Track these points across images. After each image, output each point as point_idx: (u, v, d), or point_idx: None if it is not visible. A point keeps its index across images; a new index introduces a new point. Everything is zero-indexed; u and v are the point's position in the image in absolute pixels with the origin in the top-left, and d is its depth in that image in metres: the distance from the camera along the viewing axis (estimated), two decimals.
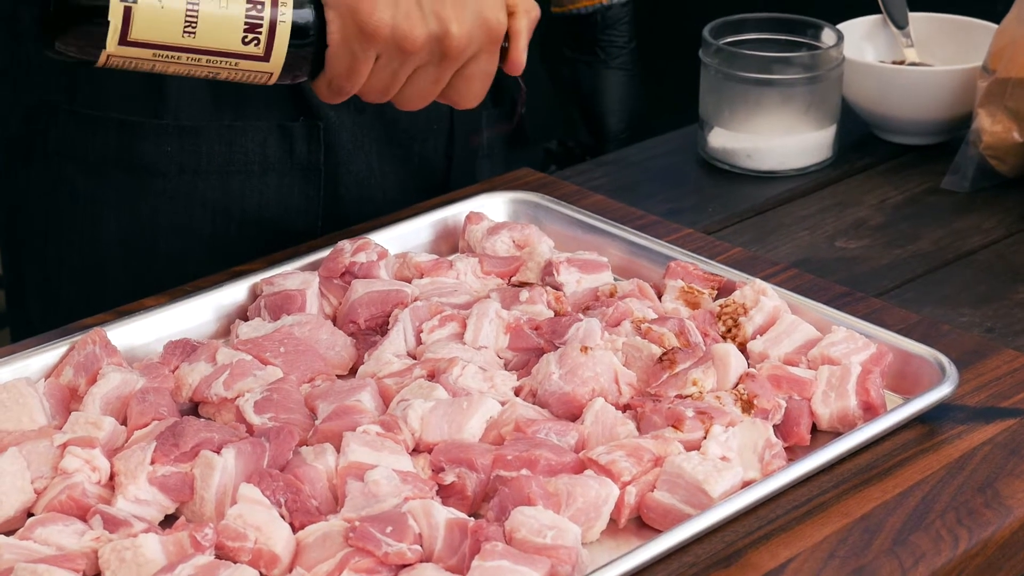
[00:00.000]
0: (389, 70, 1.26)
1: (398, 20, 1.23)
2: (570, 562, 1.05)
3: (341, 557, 1.05)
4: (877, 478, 1.17)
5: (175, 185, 1.53)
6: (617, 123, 1.88)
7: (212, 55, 1.21)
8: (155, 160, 1.52)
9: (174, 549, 1.05)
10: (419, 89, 1.29)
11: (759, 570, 1.08)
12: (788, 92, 1.70)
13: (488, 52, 1.29)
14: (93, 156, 1.52)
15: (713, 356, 1.23)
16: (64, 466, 1.12)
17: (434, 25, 1.25)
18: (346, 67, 1.25)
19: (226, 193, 1.53)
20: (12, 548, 1.05)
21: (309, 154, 1.54)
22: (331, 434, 1.17)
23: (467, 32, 1.25)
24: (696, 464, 1.12)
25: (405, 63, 1.26)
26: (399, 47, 1.24)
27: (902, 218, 1.64)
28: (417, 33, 1.24)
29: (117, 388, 1.21)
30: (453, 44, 1.25)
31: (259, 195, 1.54)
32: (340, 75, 1.25)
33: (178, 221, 1.54)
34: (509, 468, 1.13)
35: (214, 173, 1.53)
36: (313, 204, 1.56)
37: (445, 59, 1.26)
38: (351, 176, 1.57)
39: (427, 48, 1.25)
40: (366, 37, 1.23)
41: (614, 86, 1.87)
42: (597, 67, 1.86)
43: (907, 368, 1.26)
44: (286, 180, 1.54)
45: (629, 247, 1.44)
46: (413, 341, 1.30)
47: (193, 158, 1.52)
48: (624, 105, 1.88)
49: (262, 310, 1.34)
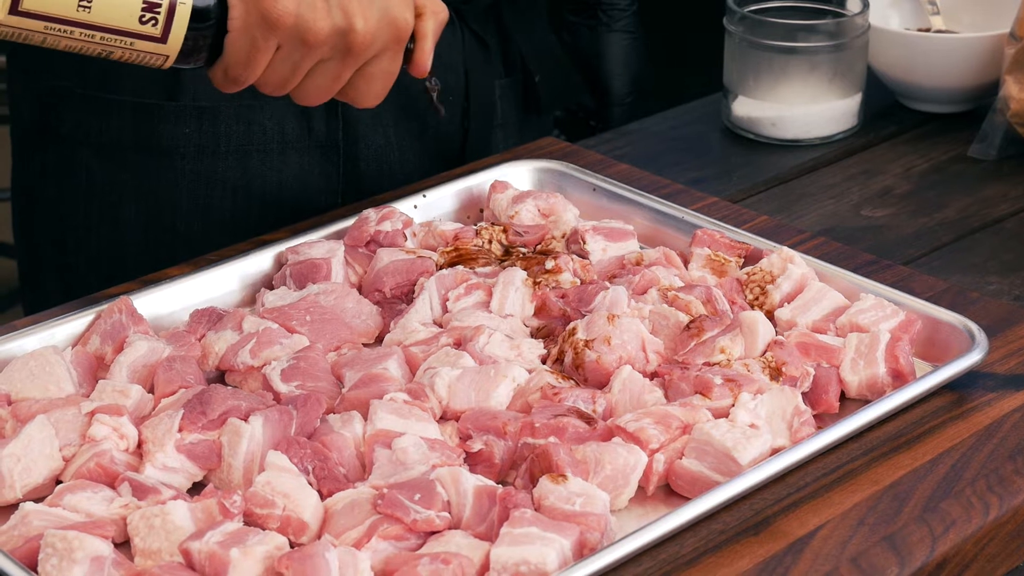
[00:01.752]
0: (290, 62, 1.22)
1: (302, 10, 1.19)
2: (599, 529, 1.04)
3: (369, 524, 1.04)
4: (906, 446, 1.16)
5: (193, 166, 1.52)
6: (621, 87, 1.86)
7: (107, 32, 1.16)
8: (173, 142, 1.51)
9: (203, 516, 1.05)
10: (319, 84, 1.24)
11: (788, 537, 1.07)
12: (813, 60, 1.69)
13: (392, 51, 1.25)
14: (108, 140, 1.52)
15: (741, 324, 1.23)
16: (92, 434, 1.12)
17: (339, 19, 1.20)
18: (245, 55, 1.20)
19: (245, 172, 1.53)
20: (42, 515, 1.05)
21: (328, 130, 1.53)
22: (358, 402, 1.17)
23: (372, 29, 1.22)
24: (725, 431, 1.12)
25: (307, 56, 1.21)
26: (302, 38, 1.20)
27: (928, 186, 1.63)
28: (321, 25, 1.19)
29: (144, 356, 1.21)
30: (357, 40, 1.21)
31: (278, 174, 1.53)
32: (238, 63, 1.21)
33: (198, 202, 1.53)
34: (537, 436, 1.13)
35: (232, 153, 1.52)
36: (332, 181, 1.55)
37: (348, 55, 1.22)
38: (370, 151, 1.56)
39: (330, 42, 1.21)
40: (268, 25, 1.19)
41: (617, 49, 1.85)
42: (599, 30, 1.84)
43: (936, 335, 1.25)
44: (305, 158, 1.54)
45: (655, 215, 1.43)
46: (439, 309, 1.30)
47: (211, 139, 1.51)
48: (628, 68, 1.86)
49: (287, 279, 1.34)
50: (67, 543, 1.00)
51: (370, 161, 1.56)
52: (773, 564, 1.05)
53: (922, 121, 1.76)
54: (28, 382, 1.18)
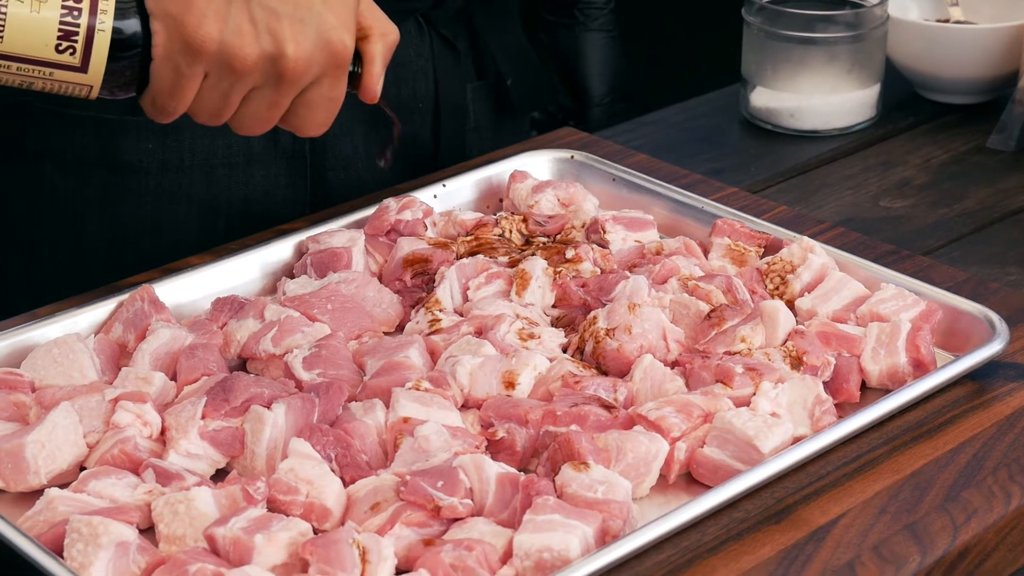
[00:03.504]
0: (219, 90, 1.15)
1: (227, 36, 1.13)
2: (621, 517, 1.05)
3: (392, 511, 1.05)
4: (927, 435, 1.16)
5: (157, 181, 1.48)
6: (600, 87, 1.83)
7: (22, 62, 1.10)
8: (136, 158, 1.47)
9: (227, 502, 1.05)
10: (255, 113, 1.18)
11: (810, 526, 1.08)
12: (832, 51, 1.69)
13: (332, 77, 1.18)
14: (72, 155, 1.48)
15: (762, 313, 1.23)
16: (116, 420, 1.13)
17: (268, 44, 1.14)
18: (170, 84, 1.14)
19: (210, 187, 1.49)
20: (67, 500, 1.05)
21: (294, 142, 1.49)
22: (380, 390, 1.18)
23: (306, 54, 1.15)
24: (746, 420, 1.12)
25: (236, 84, 1.15)
26: (228, 66, 1.13)
27: (947, 177, 1.63)
28: (248, 52, 1.13)
29: (166, 344, 1.22)
30: (289, 66, 1.14)
31: (244, 187, 1.50)
32: (163, 92, 1.15)
33: (163, 218, 1.49)
34: (558, 424, 1.13)
35: (197, 167, 1.48)
36: (300, 192, 1.51)
37: (282, 82, 1.15)
38: (337, 161, 1.52)
39: (260, 68, 1.14)
40: (191, 52, 1.12)
41: (595, 49, 1.82)
42: (576, 30, 1.81)
43: (956, 325, 1.25)
44: (271, 170, 1.50)
45: (674, 205, 1.43)
46: (460, 298, 1.30)
47: (175, 154, 1.47)
48: (606, 68, 1.83)
49: (308, 267, 1.34)
50: (92, 528, 1.00)
51: (338, 171, 1.52)
52: (795, 552, 1.05)
53: (941, 112, 1.76)
54: (52, 369, 1.19)
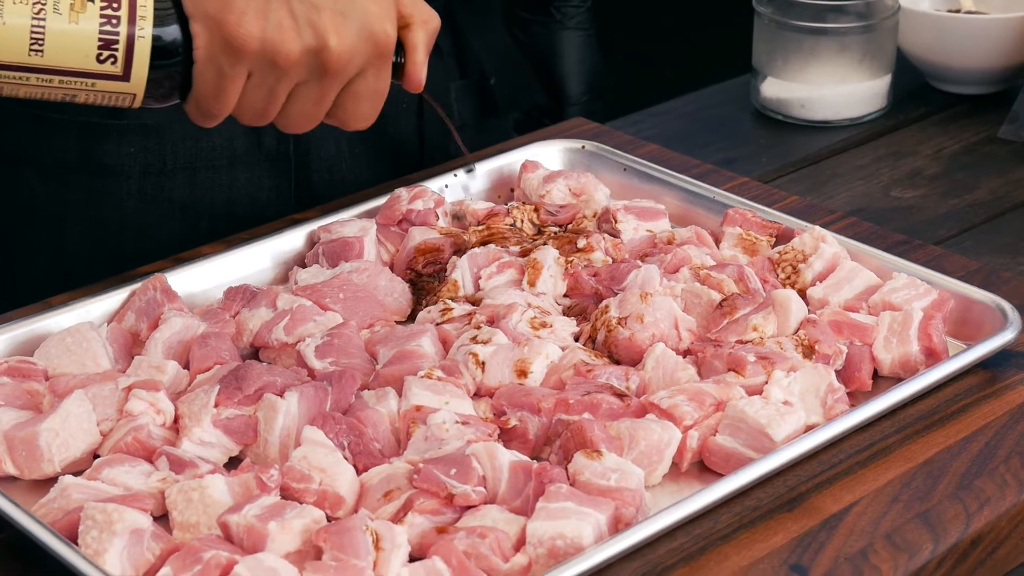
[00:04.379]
0: (264, 88, 1.14)
1: (269, 33, 1.11)
2: (634, 504, 1.05)
3: (406, 499, 1.05)
4: (940, 423, 1.16)
5: (139, 185, 1.46)
6: (577, 85, 1.81)
7: (65, 75, 1.09)
8: (118, 162, 1.45)
9: (240, 490, 1.05)
10: (301, 109, 1.16)
11: (822, 514, 1.08)
12: (843, 41, 1.69)
13: (376, 68, 1.16)
14: (51, 159, 1.46)
15: (773, 302, 1.23)
16: (129, 409, 1.13)
17: (311, 38, 1.12)
18: (213, 86, 1.12)
19: (193, 190, 1.47)
20: (81, 488, 1.05)
21: (278, 143, 1.48)
22: (392, 378, 1.18)
23: (349, 46, 1.13)
24: (759, 408, 1.12)
25: (281, 80, 1.13)
26: (272, 62, 1.12)
27: (959, 167, 1.63)
28: (291, 47, 1.11)
29: (179, 333, 1.22)
30: (333, 59, 1.13)
31: (228, 190, 1.48)
32: (207, 95, 1.13)
33: (145, 221, 1.47)
34: (571, 412, 1.13)
35: (180, 171, 1.46)
36: (284, 194, 1.50)
37: (326, 76, 1.14)
38: (322, 162, 1.51)
39: (304, 63, 1.13)
40: (234, 52, 1.11)
41: (571, 47, 1.81)
42: (552, 27, 1.79)
43: (968, 315, 1.25)
44: (255, 172, 1.48)
45: (685, 195, 1.43)
46: (472, 287, 1.30)
47: (158, 157, 1.46)
48: (583, 66, 1.81)
49: (320, 257, 1.34)
50: (107, 515, 1.00)
51: (322, 172, 1.51)
52: (807, 540, 1.05)
53: (952, 102, 1.76)
54: (65, 358, 1.19)
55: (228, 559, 0.99)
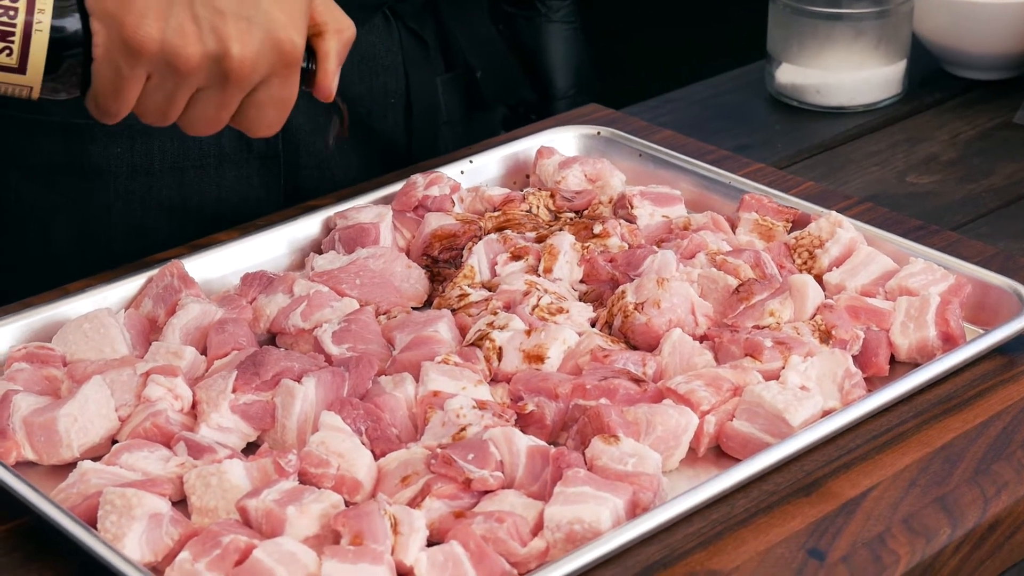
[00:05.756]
0: (163, 91, 1.11)
1: (168, 35, 1.08)
2: (652, 489, 1.05)
3: (423, 483, 1.05)
4: (957, 408, 1.16)
5: (127, 186, 1.45)
6: (564, 80, 1.80)
7: None
8: (105, 163, 1.44)
9: (258, 475, 1.06)
10: (203, 114, 1.14)
11: (840, 498, 1.08)
12: (858, 26, 1.68)
13: (281, 76, 1.13)
14: (37, 162, 1.45)
15: (790, 287, 1.23)
16: (147, 394, 1.13)
17: (212, 44, 1.09)
18: (111, 84, 1.10)
19: (181, 190, 1.46)
20: (100, 473, 1.06)
21: (267, 141, 1.47)
22: (409, 364, 1.18)
23: (252, 53, 1.10)
24: (776, 393, 1.12)
25: (181, 84, 1.11)
26: (171, 66, 1.09)
27: (974, 153, 1.63)
28: (191, 51, 1.09)
29: (196, 319, 1.22)
30: (235, 66, 1.10)
31: (216, 189, 1.47)
32: (105, 93, 1.10)
33: (132, 222, 1.46)
34: (588, 397, 1.13)
35: (168, 171, 1.45)
36: (273, 193, 1.49)
37: (228, 82, 1.11)
38: (311, 158, 1.49)
39: (205, 69, 1.10)
40: (131, 52, 1.08)
41: (557, 41, 1.79)
42: (537, 21, 1.77)
43: (986, 300, 1.25)
44: (244, 171, 1.47)
45: (701, 181, 1.43)
46: (488, 273, 1.30)
47: (145, 158, 1.45)
48: (569, 60, 1.80)
49: (336, 243, 1.34)
50: (126, 500, 1.01)
51: (312, 169, 1.50)
52: (825, 524, 1.05)
53: (967, 88, 1.76)
54: (83, 344, 1.19)
55: (247, 543, 0.99)
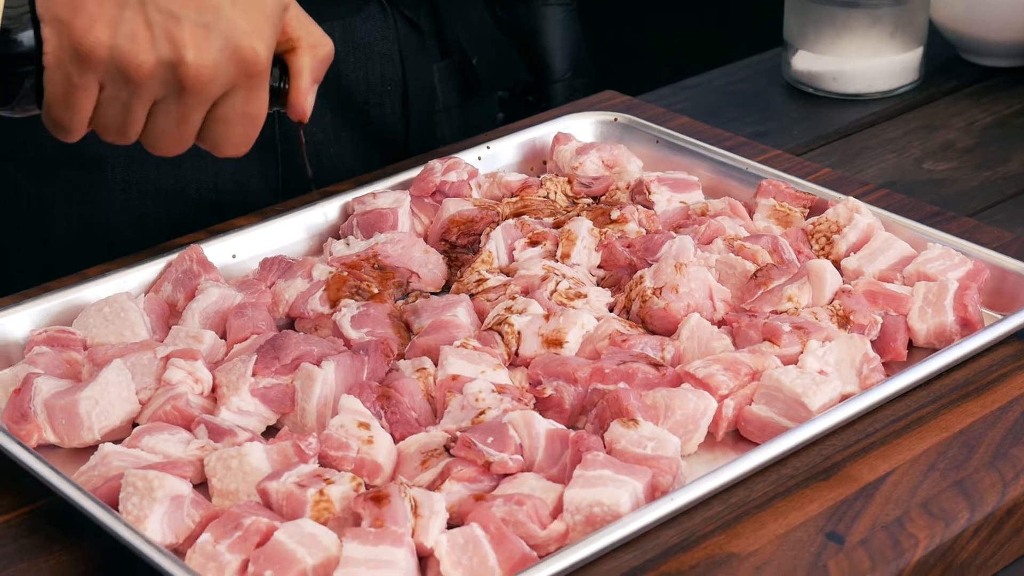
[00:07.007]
0: (118, 102, 1.07)
1: (119, 41, 1.04)
2: (671, 472, 1.05)
3: (443, 467, 1.05)
4: (975, 393, 1.16)
5: (125, 176, 1.44)
6: (561, 63, 1.79)
7: None
8: (102, 152, 1.42)
9: (278, 458, 1.06)
10: (164, 129, 1.09)
11: (858, 482, 1.08)
12: (875, 14, 1.68)
13: (246, 89, 1.08)
14: (34, 154, 1.45)
15: (808, 272, 1.23)
16: (167, 378, 1.14)
17: (166, 50, 1.05)
18: (62, 94, 1.06)
19: (179, 179, 1.46)
20: (121, 455, 1.06)
21: (263, 130, 1.46)
22: (428, 348, 1.18)
23: (210, 62, 1.06)
24: (794, 377, 1.12)
25: (135, 95, 1.06)
26: (123, 74, 1.05)
27: (991, 140, 1.63)
28: (143, 58, 1.04)
29: (215, 303, 1.23)
30: (191, 74, 1.05)
31: (214, 177, 1.47)
32: (57, 103, 1.06)
33: (131, 213, 1.46)
34: (607, 381, 1.13)
35: (165, 160, 1.43)
36: (271, 181, 1.49)
37: (184, 93, 1.06)
38: (308, 147, 1.48)
39: (159, 77, 1.06)
40: (81, 59, 1.04)
41: (553, 24, 1.79)
42: (534, 4, 1.78)
43: (1003, 285, 1.25)
44: (241, 160, 1.45)
45: (717, 167, 1.43)
46: (506, 259, 1.30)
47: (142, 147, 1.41)
48: (566, 43, 1.79)
49: (354, 228, 1.35)
50: (147, 482, 1.01)
51: (309, 157, 1.48)
52: (844, 508, 1.05)
53: (984, 75, 1.75)
54: (103, 327, 1.20)
55: (268, 525, 0.99)
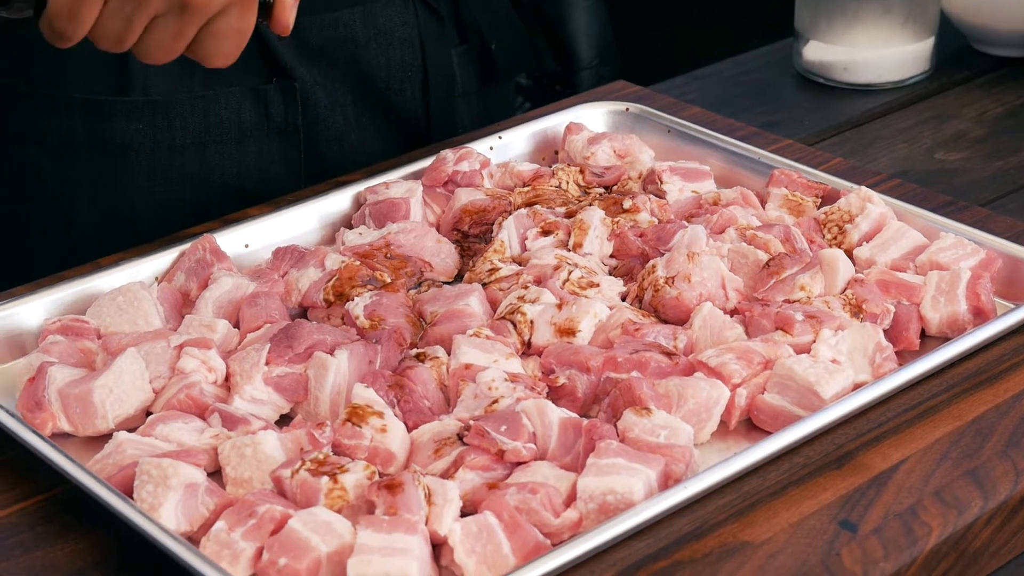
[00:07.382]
0: (121, 16, 1.11)
1: None
2: (684, 461, 1.05)
3: (456, 455, 1.06)
4: (988, 382, 1.16)
5: (149, 162, 1.45)
6: (587, 50, 1.78)
7: None
8: (126, 138, 1.44)
9: (292, 446, 1.06)
10: (159, 42, 1.13)
11: (871, 471, 1.08)
12: (886, 4, 1.68)
13: (240, 7, 1.13)
14: (58, 138, 1.45)
15: (821, 261, 1.23)
16: (181, 366, 1.14)
17: None
18: (67, 7, 1.09)
19: (203, 165, 1.47)
20: (135, 444, 1.07)
21: (286, 116, 1.47)
22: (441, 337, 1.18)
23: None
24: (807, 366, 1.12)
25: (138, 10, 1.10)
26: None
27: (1002, 130, 1.62)
28: None
29: (229, 292, 1.23)
30: None
31: (238, 164, 1.48)
32: (60, 15, 1.10)
33: (155, 199, 1.47)
34: (619, 370, 1.13)
35: (189, 146, 1.45)
36: (294, 166, 1.50)
37: (186, 11, 1.11)
38: (330, 133, 1.50)
39: None
40: None
41: (579, 10, 1.78)
42: None
43: (1016, 275, 1.25)
44: (264, 145, 1.48)
45: (729, 157, 1.43)
46: (518, 248, 1.30)
47: (167, 133, 1.45)
48: (592, 30, 1.78)
49: (366, 218, 1.35)
50: (162, 470, 1.01)
51: (331, 143, 1.50)
52: (857, 496, 1.05)
53: (995, 65, 1.75)
54: (117, 316, 1.20)
55: (282, 513, 1.00)
